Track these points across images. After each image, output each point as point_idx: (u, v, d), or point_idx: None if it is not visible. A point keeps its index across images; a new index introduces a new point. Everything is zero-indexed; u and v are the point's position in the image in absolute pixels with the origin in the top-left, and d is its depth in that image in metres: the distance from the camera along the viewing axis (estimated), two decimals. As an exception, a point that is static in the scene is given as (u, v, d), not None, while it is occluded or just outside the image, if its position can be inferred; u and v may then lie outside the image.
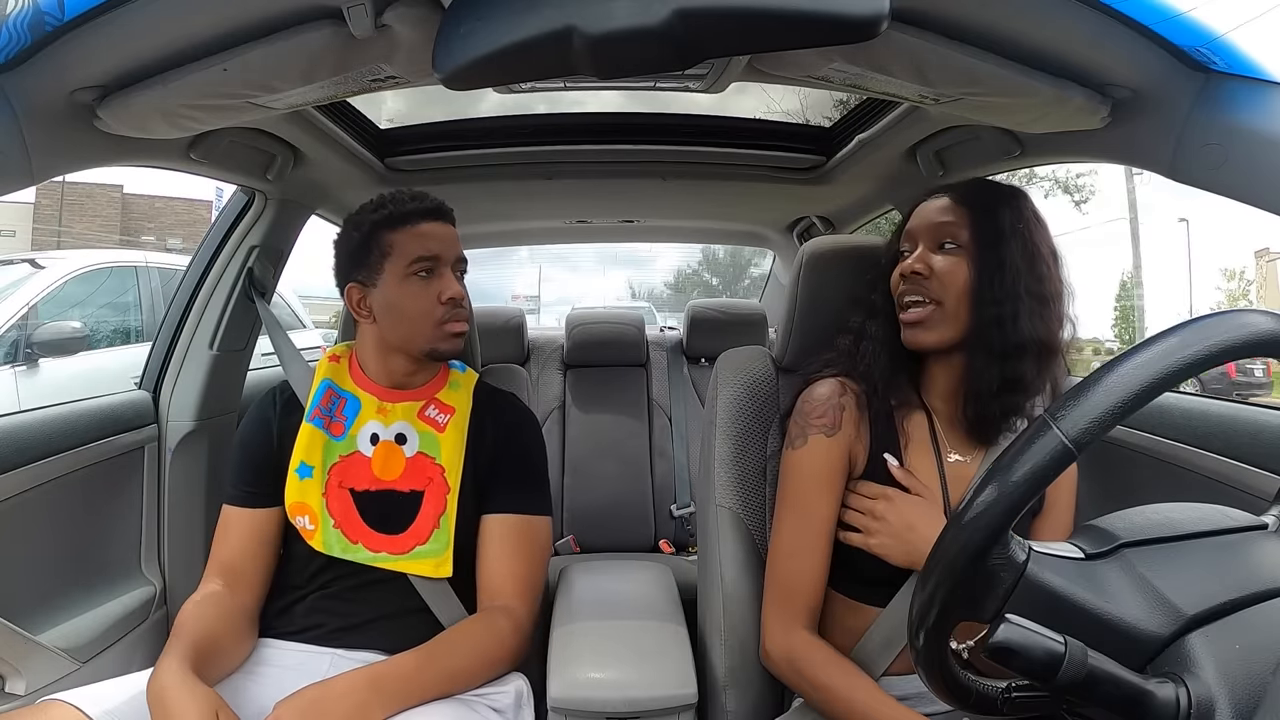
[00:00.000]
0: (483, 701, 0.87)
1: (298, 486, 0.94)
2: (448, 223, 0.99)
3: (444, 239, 0.97)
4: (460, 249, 1.00)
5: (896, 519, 0.81)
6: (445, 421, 0.98)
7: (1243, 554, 0.50)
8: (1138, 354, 0.45)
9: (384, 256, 0.95)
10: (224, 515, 0.97)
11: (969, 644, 0.50)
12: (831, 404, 0.87)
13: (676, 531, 1.92)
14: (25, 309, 3.23)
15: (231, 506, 0.97)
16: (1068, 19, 0.71)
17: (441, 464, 0.96)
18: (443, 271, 0.96)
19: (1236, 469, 0.86)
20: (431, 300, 0.95)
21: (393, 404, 0.98)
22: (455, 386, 1.02)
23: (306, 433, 0.95)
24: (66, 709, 0.71)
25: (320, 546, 0.92)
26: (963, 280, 0.81)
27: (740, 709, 0.93)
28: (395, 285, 0.95)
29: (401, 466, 0.96)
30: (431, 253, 0.95)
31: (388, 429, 0.97)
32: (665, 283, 23.42)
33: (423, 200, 0.97)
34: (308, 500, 0.93)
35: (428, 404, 0.99)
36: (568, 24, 0.64)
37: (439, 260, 0.96)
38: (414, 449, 0.96)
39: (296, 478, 0.94)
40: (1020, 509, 0.45)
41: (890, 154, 1.32)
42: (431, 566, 0.93)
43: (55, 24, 0.68)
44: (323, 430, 0.96)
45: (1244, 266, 16.57)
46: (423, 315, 0.95)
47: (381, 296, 0.96)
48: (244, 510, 0.96)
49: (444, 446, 0.97)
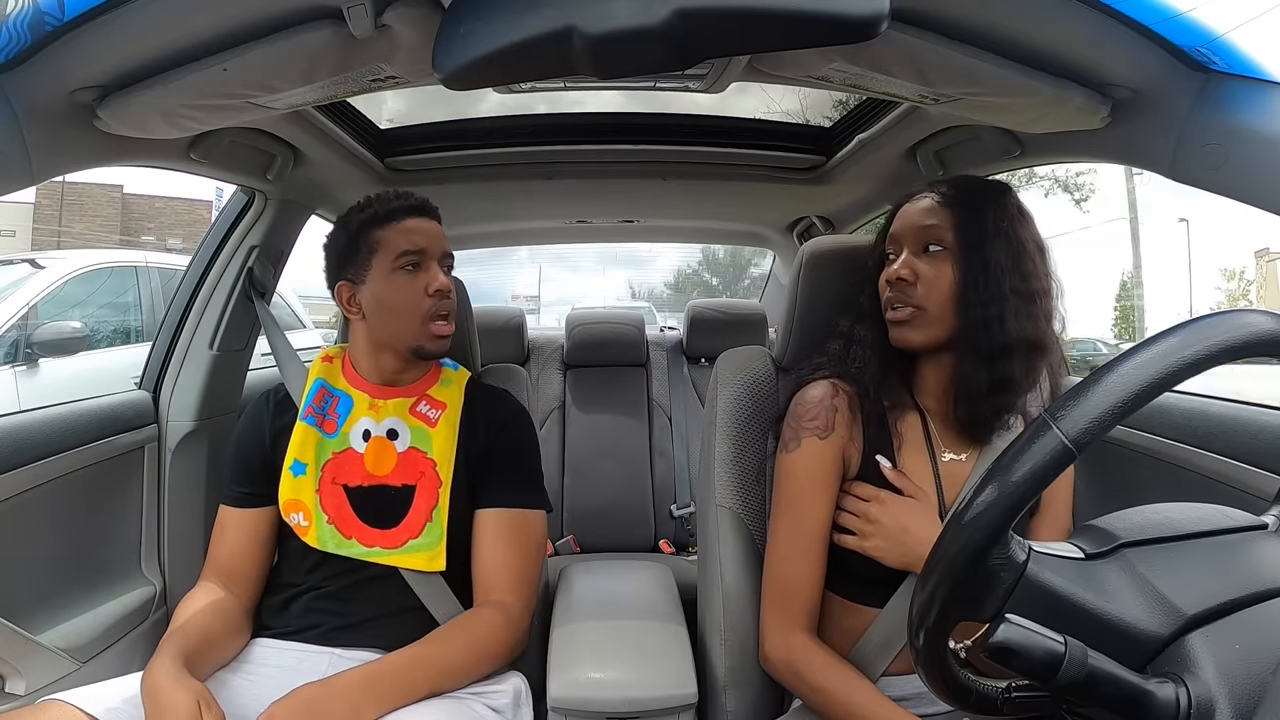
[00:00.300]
0: (480, 700, 0.87)
1: (291, 484, 0.95)
2: (433, 219, 1.01)
3: (429, 234, 0.99)
4: (446, 245, 1.01)
5: (890, 521, 0.81)
6: (436, 417, 0.99)
7: (1243, 554, 0.50)
8: (1138, 354, 0.45)
9: (371, 253, 0.97)
10: (220, 516, 1.00)
11: (966, 644, 0.51)
12: (824, 406, 0.87)
13: (676, 531, 1.92)
14: (25, 309, 3.23)
15: (227, 507, 0.99)
16: (1068, 19, 0.71)
17: (433, 458, 0.96)
18: (429, 265, 0.98)
19: (1236, 469, 0.86)
20: (418, 293, 0.96)
21: (384, 400, 0.99)
22: (447, 383, 1.03)
23: (300, 431, 0.97)
24: (66, 709, 0.71)
25: (314, 542, 0.93)
26: (948, 284, 0.81)
27: (740, 709, 0.93)
28: (383, 280, 0.97)
29: (393, 462, 0.96)
30: (417, 246, 0.97)
31: (379, 425, 0.98)
32: (665, 283, 23.47)
33: (407, 198, 1.00)
34: (301, 497, 0.94)
35: (419, 400, 1.00)
36: (568, 24, 0.64)
37: (425, 254, 0.98)
38: (406, 444, 0.97)
39: (290, 475, 0.95)
40: (1020, 509, 0.45)
41: (890, 154, 1.32)
42: (425, 560, 0.93)
43: (55, 24, 0.68)
44: (315, 428, 0.97)
45: (1244, 266, 16.60)
46: (410, 308, 0.96)
47: (370, 292, 0.98)
48: (239, 510, 0.98)
49: (435, 441, 0.98)
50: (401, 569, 0.93)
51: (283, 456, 0.96)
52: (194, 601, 0.91)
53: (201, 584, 0.94)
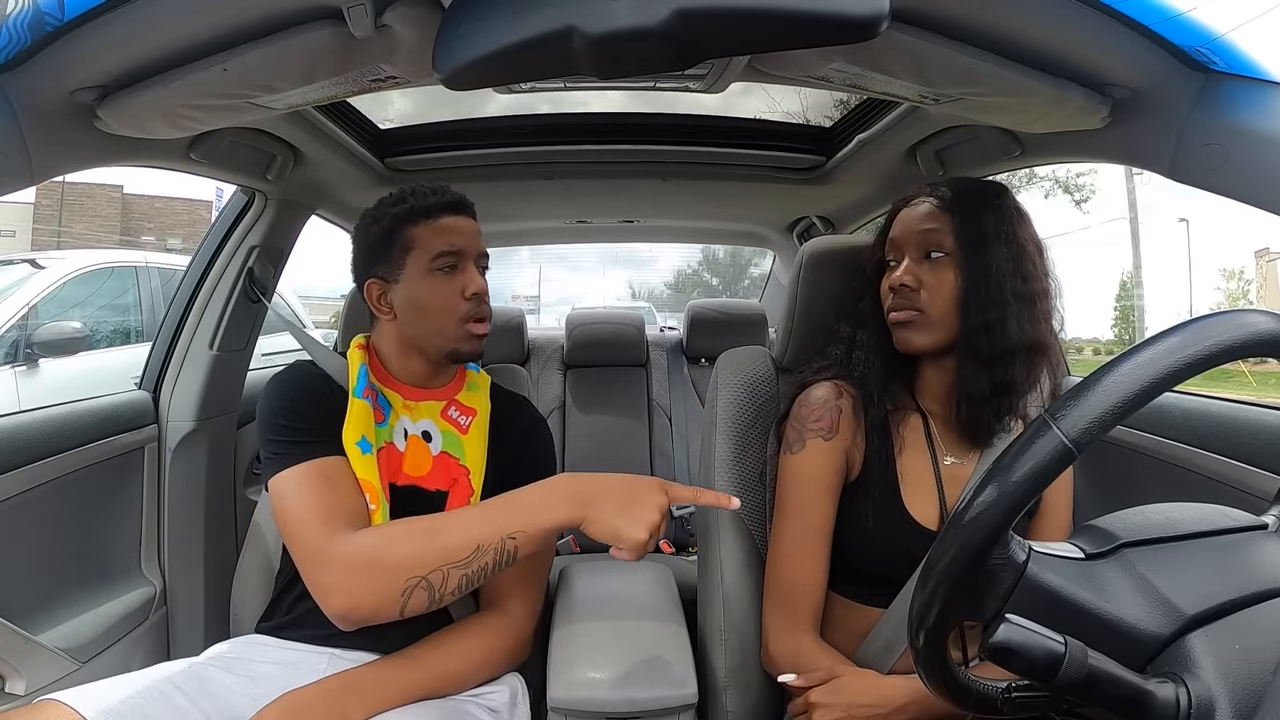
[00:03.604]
0: (476, 701, 0.87)
1: (361, 461, 0.86)
2: (470, 216, 0.97)
3: (467, 233, 0.95)
4: (482, 244, 0.98)
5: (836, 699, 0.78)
6: (468, 424, 0.97)
7: (1243, 554, 0.50)
8: (1138, 354, 0.45)
9: (406, 251, 0.93)
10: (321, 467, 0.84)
11: (976, 659, 0.50)
12: (829, 407, 0.87)
13: (676, 531, 1.92)
14: (25, 309, 3.23)
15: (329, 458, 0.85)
16: (1068, 19, 0.71)
17: (466, 465, 0.95)
18: (466, 266, 0.95)
19: (1236, 469, 0.86)
20: (455, 296, 0.93)
21: (417, 403, 0.97)
22: (473, 388, 1.02)
23: (359, 408, 0.88)
24: (62, 709, 0.71)
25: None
26: (950, 289, 0.81)
27: (740, 709, 0.93)
28: (418, 281, 0.93)
29: (429, 464, 0.94)
30: (455, 247, 0.93)
31: (415, 425, 0.95)
32: (665, 283, 23.47)
33: (444, 194, 0.96)
34: (370, 478, 0.86)
35: (449, 404, 0.98)
36: (568, 24, 0.64)
37: (462, 255, 0.94)
38: (439, 448, 0.95)
39: (359, 451, 0.86)
40: (1021, 509, 0.45)
41: (890, 154, 1.32)
42: None
43: (55, 24, 0.68)
44: (372, 408, 0.91)
45: (1244, 266, 16.59)
46: (446, 311, 0.93)
47: (404, 292, 0.94)
48: (341, 460, 0.85)
49: (468, 448, 0.96)
50: None
51: (333, 427, 0.86)
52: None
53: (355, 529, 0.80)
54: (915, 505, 0.84)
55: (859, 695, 0.77)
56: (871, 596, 0.85)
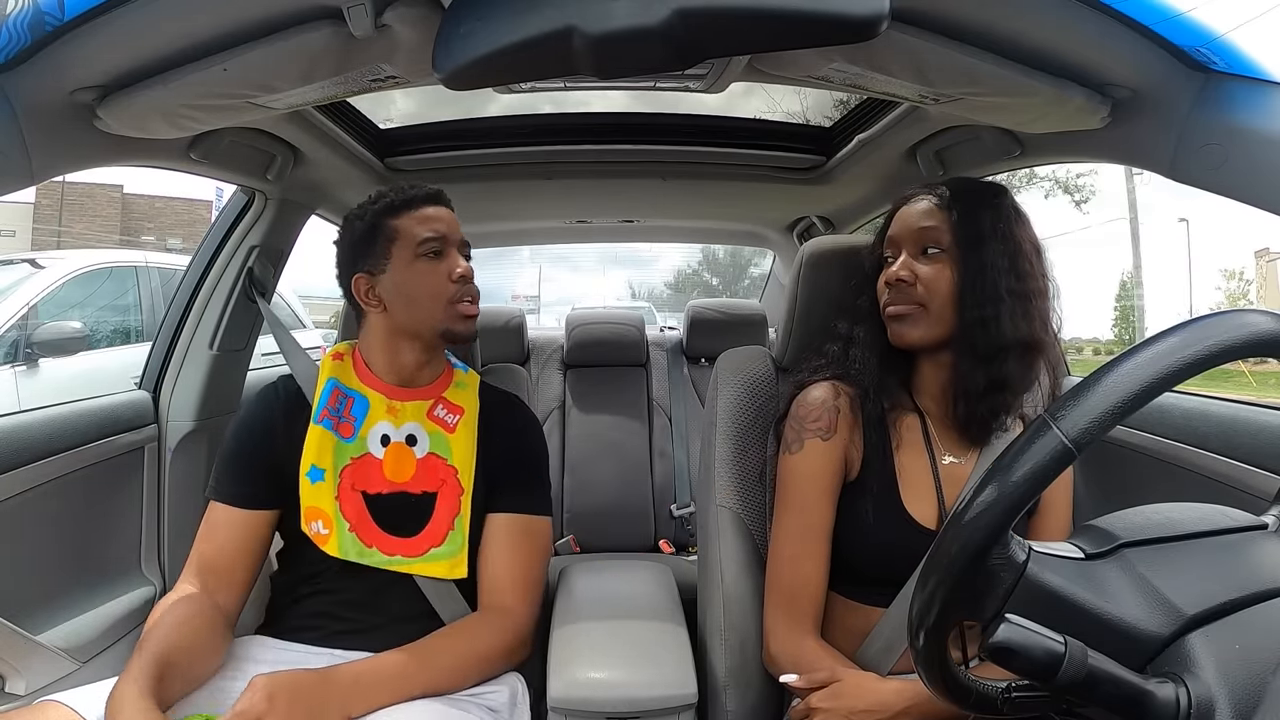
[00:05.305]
0: (475, 700, 0.87)
1: (310, 490, 0.91)
2: (448, 207, 1.01)
3: (448, 221, 0.98)
4: (462, 233, 1.01)
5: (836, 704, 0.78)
6: (455, 422, 0.98)
7: (1243, 554, 0.50)
8: (1138, 354, 0.45)
9: (390, 242, 0.96)
10: (212, 512, 0.93)
11: (977, 659, 0.51)
12: (827, 407, 0.87)
13: (676, 531, 1.92)
14: (25, 309, 3.23)
15: (222, 505, 0.93)
16: (1068, 19, 0.71)
17: (454, 465, 0.95)
18: (449, 251, 0.97)
19: (1236, 469, 0.86)
20: (442, 279, 0.95)
21: (402, 403, 0.97)
22: (461, 386, 1.02)
23: (316, 434, 0.93)
24: (62, 710, 0.71)
25: (336, 551, 0.90)
26: (947, 285, 0.82)
27: (740, 709, 0.93)
28: (404, 268, 0.95)
29: (413, 468, 0.95)
30: (438, 233, 0.96)
31: (398, 430, 0.96)
32: (665, 283, 23.50)
33: (421, 188, 0.99)
34: (321, 505, 0.91)
35: (436, 403, 0.99)
36: (568, 24, 0.64)
37: (445, 240, 0.97)
38: (425, 450, 0.96)
39: (308, 481, 0.91)
40: (1020, 509, 0.45)
41: (890, 154, 1.32)
42: (446, 568, 0.92)
43: (55, 24, 0.68)
44: (332, 431, 0.94)
45: (1244, 266, 16.60)
46: (435, 295, 0.95)
47: (391, 282, 0.96)
48: (237, 510, 0.92)
49: (455, 447, 0.97)
50: (417, 576, 0.92)
51: (293, 459, 0.92)
52: (173, 611, 0.82)
53: (181, 586, 0.88)
54: (913, 504, 0.84)
55: (859, 700, 0.77)
56: (871, 596, 0.85)
